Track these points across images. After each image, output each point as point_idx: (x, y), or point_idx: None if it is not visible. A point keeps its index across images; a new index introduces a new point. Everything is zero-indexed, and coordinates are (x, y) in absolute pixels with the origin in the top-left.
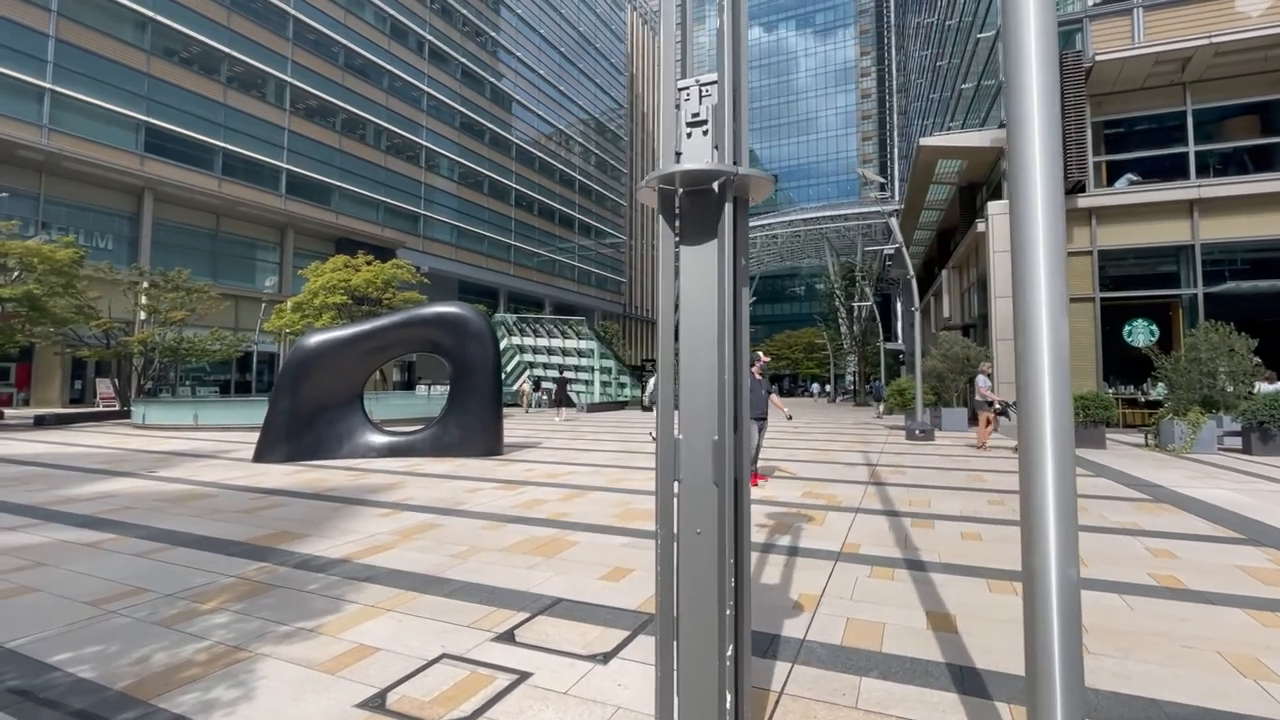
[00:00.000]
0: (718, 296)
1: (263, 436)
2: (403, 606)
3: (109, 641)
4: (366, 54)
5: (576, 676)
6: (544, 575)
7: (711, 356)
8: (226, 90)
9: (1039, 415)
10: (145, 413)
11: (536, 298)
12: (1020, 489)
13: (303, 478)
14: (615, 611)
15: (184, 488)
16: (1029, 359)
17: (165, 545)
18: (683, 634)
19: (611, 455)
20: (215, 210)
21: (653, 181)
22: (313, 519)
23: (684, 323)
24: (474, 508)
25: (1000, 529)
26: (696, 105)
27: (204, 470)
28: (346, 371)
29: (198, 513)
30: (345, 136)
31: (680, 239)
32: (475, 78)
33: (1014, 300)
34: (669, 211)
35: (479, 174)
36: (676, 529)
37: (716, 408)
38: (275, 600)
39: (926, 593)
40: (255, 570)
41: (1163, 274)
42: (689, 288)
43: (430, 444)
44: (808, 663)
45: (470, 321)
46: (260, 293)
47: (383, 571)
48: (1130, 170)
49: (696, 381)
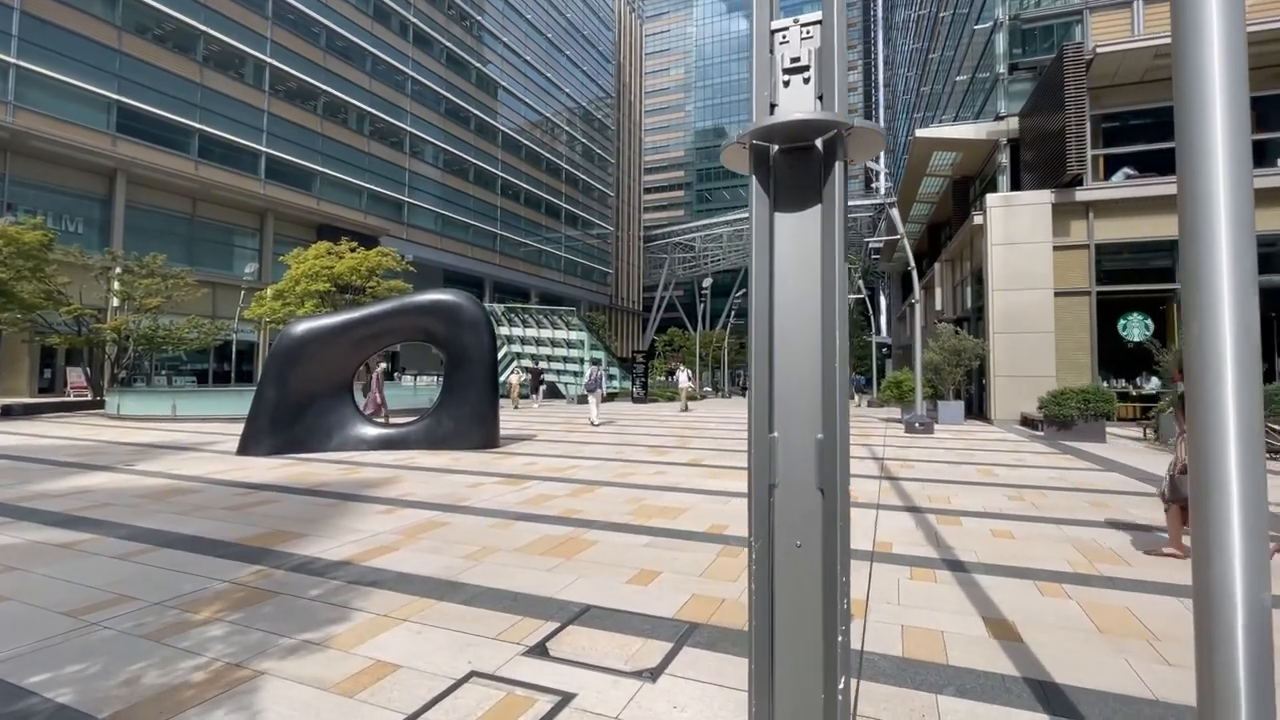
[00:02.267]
0: (821, 272)
1: (248, 428)
2: (418, 615)
3: (91, 659)
4: (349, 35)
5: (625, 697)
6: (566, 578)
7: (812, 341)
8: (203, 70)
9: (1220, 411)
10: (120, 403)
11: (522, 288)
12: (1191, 493)
13: (292, 471)
14: (652, 620)
15: (166, 482)
16: (1207, 347)
17: (149, 546)
18: (781, 662)
19: (613, 449)
20: (191, 194)
21: (744, 138)
22: (308, 516)
23: (779, 301)
24: (479, 504)
25: (1029, 526)
26: (796, 48)
27: (186, 463)
28: (336, 361)
29: (182, 510)
30: (327, 120)
31: (775, 204)
32: (460, 63)
33: (1183, 282)
34: (764, 172)
35: (464, 161)
36: (772, 541)
37: (820, 401)
38: (275, 609)
39: (976, 596)
40: (250, 574)
41: (1157, 269)
42: (785, 261)
43: (424, 436)
44: (874, 678)
45: (466, 310)
46: (239, 280)
47: (390, 575)
48: (1127, 164)
49: (793, 371)
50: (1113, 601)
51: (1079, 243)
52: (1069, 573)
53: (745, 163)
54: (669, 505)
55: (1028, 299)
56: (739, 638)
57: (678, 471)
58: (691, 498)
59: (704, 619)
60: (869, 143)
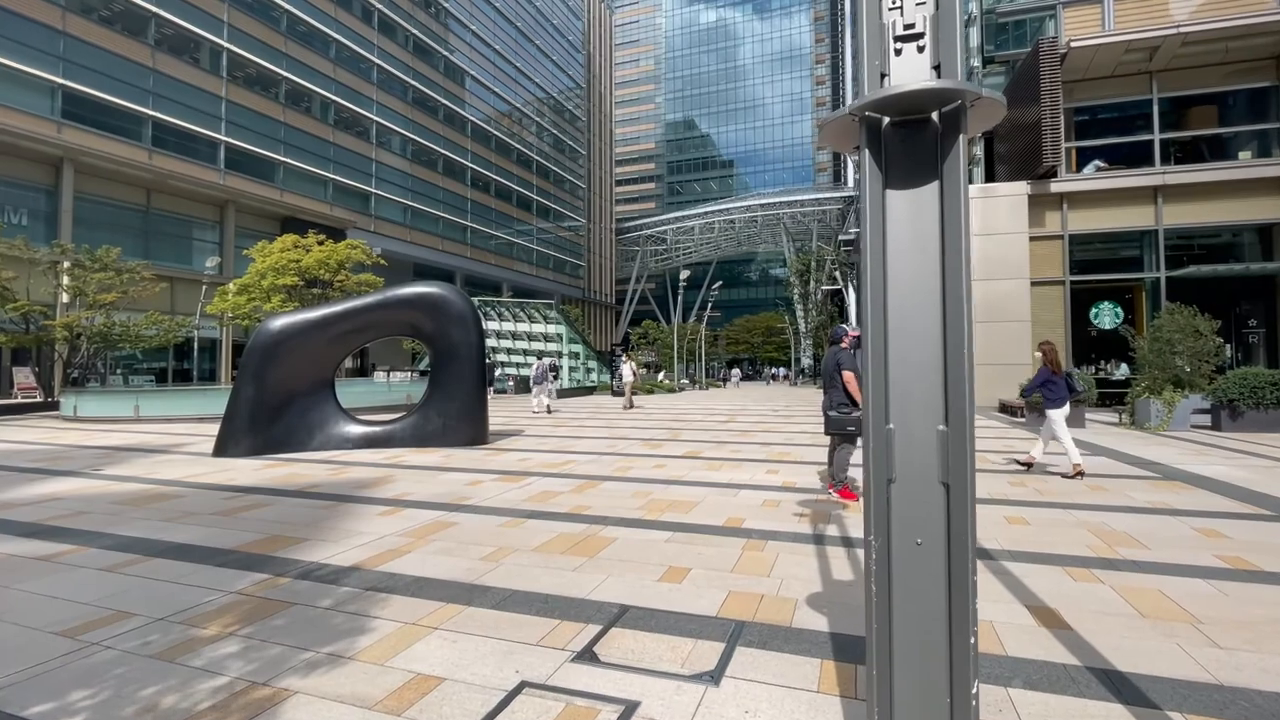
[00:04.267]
0: (943, 254)
1: (224, 428)
2: (449, 623)
3: (98, 684)
4: (310, 20)
5: (691, 703)
6: (595, 578)
7: (931, 325)
8: (155, 54)
9: None
10: (77, 404)
11: (494, 281)
12: None
13: (277, 473)
14: (696, 620)
15: (142, 487)
16: None
17: (138, 556)
18: (902, 666)
19: (606, 443)
20: (145, 184)
21: (856, 110)
22: (305, 520)
23: (893, 284)
24: (483, 502)
25: (1040, 512)
26: (911, 14)
27: (160, 467)
28: (317, 356)
29: (167, 516)
30: (290, 109)
31: (887, 181)
32: (427, 50)
33: None
34: (876, 147)
35: (433, 152)
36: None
37: (941, 389)
38: (290, 621)
39: (1013, 584)
40: (255, 584)
41: (1127, 258)
42: (899, 241)
43: (411, 434)
44: None
45: (452, 303)
46: (200, 274)
47: (407, 580)
48: (1098, 157)
49: (910, 358)
50: (1143, 585)
51: (1054, 233)
52: (1093, 557)
53: (851, 138)
54: (679, 499)
55: (1005, 288)
56: (790, 635)
57: (678, 465)
58: (699, 491)
59: (748, 616)
60: (990, 113)
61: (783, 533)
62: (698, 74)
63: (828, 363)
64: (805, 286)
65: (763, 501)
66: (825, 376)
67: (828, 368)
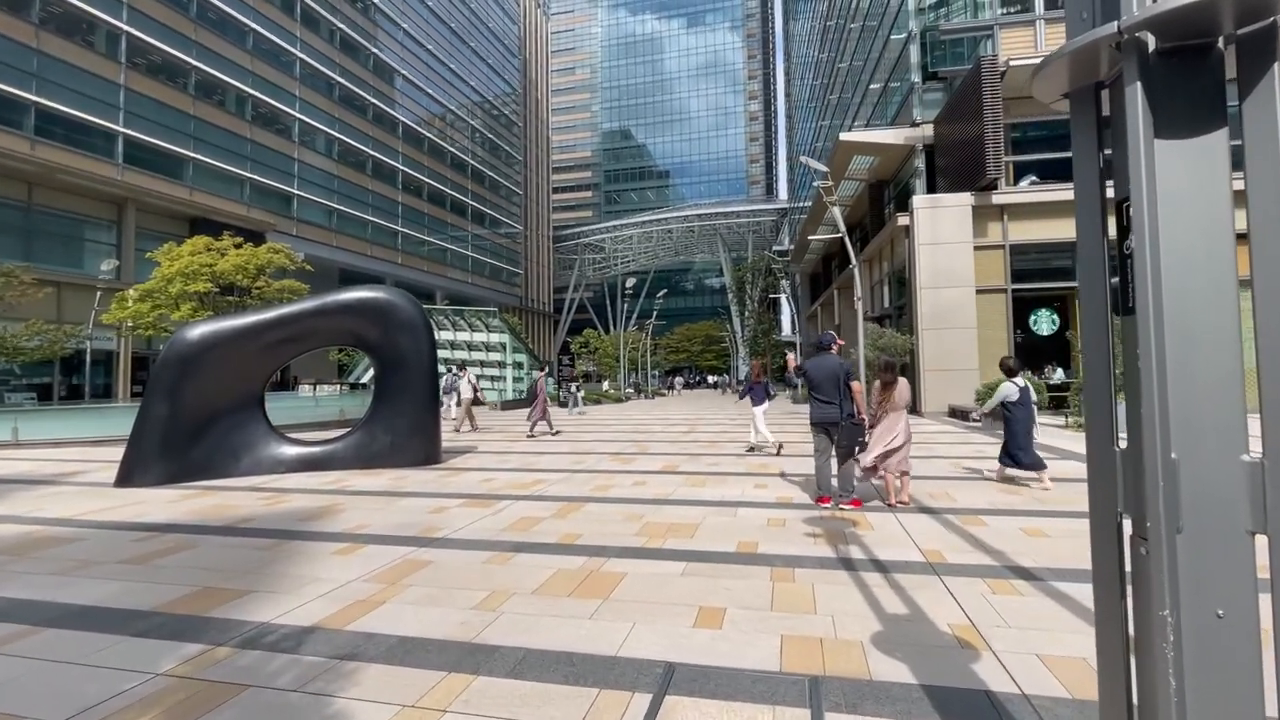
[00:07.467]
0: (1230, 223)
1: (131, 452)
2: (459, 702)
3: None
4: (224, 7)
5: None
6: (619, 627)
7: (1224, 321)
8: (39, 33)
9: None
10: None
11: (426, 289)
12: None
13: (200, 505)
14: (762, 678)
15: (24, 529)
16: None
17: (26, 628)
18: None
19: (572, 458)
20: (26, 178)
21: (1128, 27)
22: (242, 565)
23: (1166, 265)
24: (456, 534)
25: (1053, 522)
26: None
27: (48, 502)
28: (245, 369)
29: (62, 567)
30: (200, 101)
31: (1156, 128)
32: (355, 47)
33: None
34: (1144, 82)
35: (361, 153)
36: (1179, 608)
37: (1240, 407)
38: (242, 714)
39: (1075, 607)
40: (187, 661)
41: (1060, 268)
42: (1174, 206)
43: (355, 454)
44: None
45: (400, 308)
46: (93, 279)
47: (390, 642)
48: (1032, 172)
49: (1193, 366)
50: None
51: (995, 243)
52: None
53: (1084, 74)
54: (676, 522)
55: (952, 296)
56: (877, 692)
57: (658, 481)
58: (694, 511)
59: (817, 669)
60: None
61: (806, 558)
62: (633, 84)
63: (822, 371)
64: (743, 295)
65: (767, 520)
66: (820, 385)
67: (824, 377)
